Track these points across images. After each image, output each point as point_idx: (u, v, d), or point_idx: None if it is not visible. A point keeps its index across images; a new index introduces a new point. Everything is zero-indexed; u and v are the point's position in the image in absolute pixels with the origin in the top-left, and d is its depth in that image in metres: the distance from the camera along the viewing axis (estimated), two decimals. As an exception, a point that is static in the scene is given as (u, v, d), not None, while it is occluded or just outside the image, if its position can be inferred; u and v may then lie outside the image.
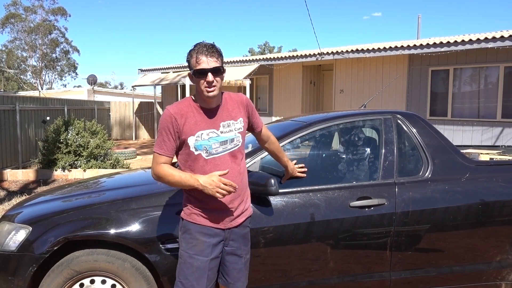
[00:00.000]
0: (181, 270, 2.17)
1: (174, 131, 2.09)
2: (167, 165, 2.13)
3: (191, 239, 2.15)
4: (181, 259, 2.18)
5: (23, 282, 2.49)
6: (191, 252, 2.14)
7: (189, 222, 2.17)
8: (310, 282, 2.69)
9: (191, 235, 2.16)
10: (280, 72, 13.33)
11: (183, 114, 2.11)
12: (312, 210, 2.65)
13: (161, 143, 2.12)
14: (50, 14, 36.63)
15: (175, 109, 2.12)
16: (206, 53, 2.05)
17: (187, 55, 2.12)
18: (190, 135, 2.10)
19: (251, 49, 50.47)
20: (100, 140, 8.93)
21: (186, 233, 2.18)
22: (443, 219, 2.76)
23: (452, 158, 2.91)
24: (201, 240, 2.15)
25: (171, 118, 2.09)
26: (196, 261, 2.13)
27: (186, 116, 2.11)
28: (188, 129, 2.10)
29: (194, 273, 2.12)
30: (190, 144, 2.11)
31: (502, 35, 8.32)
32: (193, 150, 2.11)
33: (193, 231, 2.16)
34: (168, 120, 2.09)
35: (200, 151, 2.11)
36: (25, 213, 2.78)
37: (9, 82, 41.55)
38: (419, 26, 17.52)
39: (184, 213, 2.22)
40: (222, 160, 2.15)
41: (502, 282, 2.90)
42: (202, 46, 2.07)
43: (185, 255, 2.15)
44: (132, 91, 19.22)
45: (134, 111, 17.73)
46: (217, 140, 2.13)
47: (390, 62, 10.60)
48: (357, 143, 3.05)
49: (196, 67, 2.05)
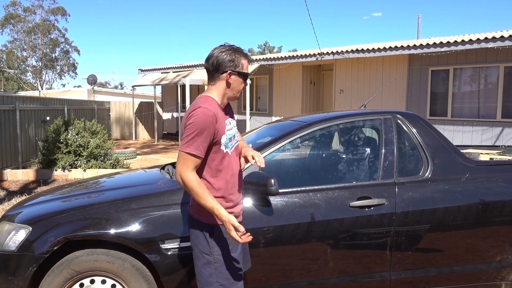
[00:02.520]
0: (219, 274, 2.15)
1: (215, 131, 2.08)
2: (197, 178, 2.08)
3: (226, 240, 2.17)
4: (217, 264, 2.16)
5: (23, 282, 2.49)
6: (227, 252, 2.17)
7: (219, 225, 2.16)
8: (310, 282, 2.69)
9: (224, 236, 2.17)
10: (280, 72, 13.33)
11: (218, 113, 2.12)
12: (312, 210, 2.65)
13: (198, 144, 2.04)
14: (50, 14, 36.66)
15: (214, 109, 2.09)
16: (249, 60, 2.20)
17: (232, 53, 2.13)
18: (223, 133, 2.13)
19: (251, 49, 50.50)
20: (100, 140, 8.92)
21: (217, 236, 2.17)
22: (443, 219, 2.76)
23: (452, 158, 2.91)
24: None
25: (213, 118, 2.06)
26: (233, 258, 2.18)
27: (219, 116, 2.12)
28: (221, 128, 2.13)
29: (235, 270, 2.18)
30: (222, 143, 2.13)
31: (502, 35, 8.32)
32: (223, 148, 2.14)
33: (224, 232, 2.16)
34: (210, 120, 2.04)
35: (227, 148, 2.17)
36: (25, 213, 2.78)
37: (9, 82, 41.56)
38: (419, 26, 17.53)
39: (210, 218, 2.15)
40: (234, 155, 2.23)
41: (502, 282, 2.90)
42: (246, 53, 2.19)
43: (221, 258, 2.16)
44: (132, 91, 19.21)
45: (134, 111, 17.73)
46: (230, 135, 2.20)
47: (390, 62, 10.60)
48: (357, 143, 3.06)
49: (244, 71, 2.16)
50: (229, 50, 2.13)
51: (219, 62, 2.12)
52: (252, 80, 13.76)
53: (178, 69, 16.14)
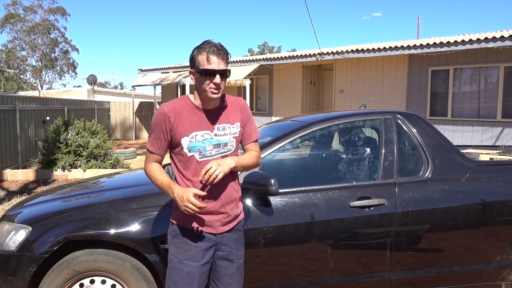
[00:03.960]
0: (170, 276, 2.10)
1: (167, 129, 2.05)
2: (157, 166, 2.11)
3: (182, 244, 2.09)
4: (170, 264, 2.11)
5: (23, 282, 2.49)
6: (181, 257, 2.08)
7: (179, 226, 2.11)
8: (310, 282, 2.68)
9: (182, 240, 2.10)
10: (280, 72, 13.33)
11: (178, 113, 2.05)
12: (312, 210, 2.64)
13: (153, 141, 2.09)
14: (50, 14, 36.66)
15: (170, 107, 2.06)
16: (217, 54, 1.99)
17: (194, 51, 2.04)
18: (184, 135, 2.04)
19: (251, 49, 50.52)
20: (100, 140, 8.92)
21: (176, 237, 2.11)
22: (443, 219, 2.76)
23: (452, 158, 2.91)
24: (192, 244, 2.08)
25: (165, 117, 2.04)
26: (187, 266, 2.07)
27: (181, 116, 2.05)
28: (182, 129, 2.04)
29: (184, 279, 2.06)
30: (183, 145, 2.05)
31: (502, 35, 8.32)
32: (186, 151, 2.05)
33: (183, 236, 2.09)
34: (161, 118, 2.04)
35: (193, 152, 2.05)
36: (25, 213, 2.78)
37: (9, 82, 41.54)
38: (419, 26, 17.53)
39: (174, 217, 2.15)
40: None
41: (502, 282, 2.90)
42: (214, 46, 2.00)
43: (175, 260, 2.09)
44: (132, 91, 19.22)
45: (134, 111, 17.73)
46: (211, 142, 2.07)
47: (390, 62, 10.59)
48: (357, 143, 3.05)
49: (205, 67, 1.98)
50: (194, 48, 2.05)
51: (189, 63, 2.11)
52: (252, 80, 13.76)
53: (178, 69, 16.13)
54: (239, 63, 14.03)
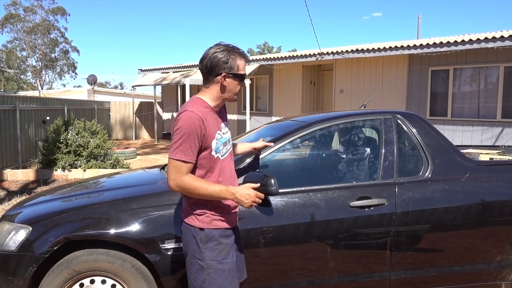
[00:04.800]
0: (213, 281, 2.09)
1: (201, 135, 1.99)
2: (192, 176, 2.03)
3: (217, 245, 2.11)
4: (209, 270, 2.09)
5: (23, 282, 2.49)
6: (220, 258, 2.10)
7: (212, 229, 2.11)
8: (310, 282, 2.69)
9: (217, 241, 2.11)
10: (280, 72, 13.32)
11: (205, 116, 2.03)
12: (312, 210, 2.64)
13: (187, 150, 1.97)
14: (50, 14, 36.65)
15: (200, 111, 2.01)
16: (245, 59, 2.10)
17: (227, 54, 2.03)
18: (212, 138, 2.05)
19: (250, 49, 50.51)
20: (100, 140, 8.92)
21: (210, 241, 2.10)
22: (443, 219, 2.76)
23: (452, 158, 2.91)
24: (225, 243, 2.13)
25: (199, 122, 1.98)
26: (227, 265, 2.11)
27: (207, 119, 2.03)
28: (211, 132, 2.04)
29: (228, 277, 2.11)
30: (212, 147, 2.06)
31: (502, 35, 8.32)
32: (214, 153, 2.07)
33: (217, 237, 2.11)
34: (196, 123, 1.97)
35: (218, 153, 2.10)
36: (25, 213, 2.78)
37: (9, 82, 41.56)
38: (419, 26, 17.53)
39: (202, 222, 2.11)
40: (228, 160, 2.17)
41: (502, 282, 2.90)
42: (242, 52, 2.09)
43: (214, 263, 2.09)
44: (132, 91, 19.22)
45: (134, 111, 17.73)
46: (221, 141, 2.12)
47: (390, 62, 10.59)
48: (357, 143, 3.05)
49: (240, 72, 2.08)
50: (224, 50, 2.03)
51: (213, 64, 2.02)
52: (252, 80, 13.76)
53: (178, 69, 16.13)
54: (239, 63, 14.00)
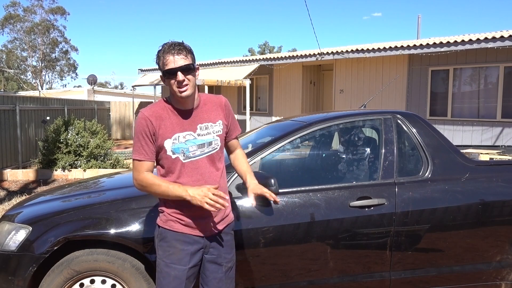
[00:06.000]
0: (158, 280, 2.09)
1: (150, 134, 2.02)
2: (151, 174, 2.05)
3: (168, 247, 2.06)
4: (158, 267, 2.09)
5: (23, 282, 2.49)
6: (168, 260, 2.05)
7: (165, 229, 2.08)
8: (310, 282, 2.69)
9: (168, 243, 2.07)
10: (280, 72, 13.33)
11: (158, 116, 2.03)
12: (312, 210, 2.64)
13: (140, 149, 2.03)
14: (50, 14, 36.64)
15: (150, 111, 2.04)
16: (172, 52, 1.97)
17: (155, 57, 2.04)
18: (166, 138, 2.03)
19: (251, 49, 50.49)
20: (100, 140, 8.93)
21: (163, 240, 2.08)
22: (443, 219, 2.76)
23: (452, 158, 2.91)
24: (179, 248, 2.05)
25: (146, 121, 2.02)
26: (174, 270, 2.04)
27: (162, 119, 2.03)
28: (164, 132, 2.03)
29: (172, 283, 2.04)
30: (167, 148, 2.03)
31: (502, 35, 8.32)
32: (170, 153, 2.04)
33: (170, 239, 2.06)
34: (143, 123, 2.02)
35: (177, 154, 2.04)
36: (25, 213, 2.78)
37: (9, 82, 41.56)
38: (419, 26, 17.53)
39: (160, 219, 2.12)
40: (200, 163, 2.08)
41: (502, 282, 2.90)
42: (168, 45, 2.00)
43: (162, 263, 2.07)
44: (132, 91, 19.22)
45: (134, 111, 17.73)
46: (194, 143, 2.06)
47: (390, 62, 10.60)
48: (357, 143, 3.05)
49: (165, 68, 1.98)
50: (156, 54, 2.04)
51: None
52: (252, 80, 13.76)
53: (178, 69, 16.09)
54: (239, 63, 14.03)
